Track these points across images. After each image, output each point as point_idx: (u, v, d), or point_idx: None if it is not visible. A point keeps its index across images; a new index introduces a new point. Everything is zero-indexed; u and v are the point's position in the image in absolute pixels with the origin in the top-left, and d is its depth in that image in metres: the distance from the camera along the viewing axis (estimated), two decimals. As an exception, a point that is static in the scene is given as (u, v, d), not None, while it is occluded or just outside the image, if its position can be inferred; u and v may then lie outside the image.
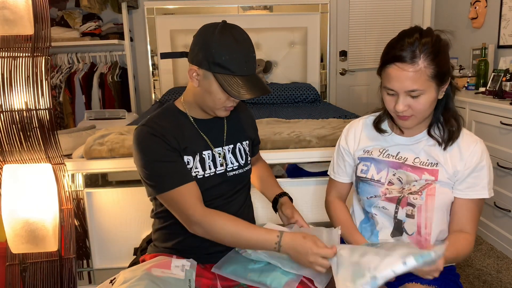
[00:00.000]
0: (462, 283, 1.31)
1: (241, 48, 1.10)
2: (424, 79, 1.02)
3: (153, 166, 1.13)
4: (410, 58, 1.01)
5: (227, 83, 1.09)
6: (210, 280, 1.20)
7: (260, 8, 4.08)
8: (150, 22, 3.85)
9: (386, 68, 1.06)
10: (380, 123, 1.24)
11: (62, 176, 1.65)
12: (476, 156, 1.10)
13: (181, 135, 1.18)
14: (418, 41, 1.02)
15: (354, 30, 4.08)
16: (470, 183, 1.11)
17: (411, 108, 1.06)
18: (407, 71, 1.01)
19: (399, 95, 1.06)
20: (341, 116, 2.66)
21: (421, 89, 1.03)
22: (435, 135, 1.15)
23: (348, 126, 1.31)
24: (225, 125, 1.29)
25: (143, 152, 1.13)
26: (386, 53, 1.07)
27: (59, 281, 1.69)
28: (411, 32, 1.05)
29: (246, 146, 1.33)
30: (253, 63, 1.14)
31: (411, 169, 1.13)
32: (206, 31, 1.11)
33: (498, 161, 2.35)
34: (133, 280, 1.06)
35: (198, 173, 1.20)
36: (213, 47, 1.08)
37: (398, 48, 1.03)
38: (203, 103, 1.18)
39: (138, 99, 4.02)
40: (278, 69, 3.96)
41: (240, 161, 1.29)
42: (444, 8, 3.84)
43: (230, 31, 1.10)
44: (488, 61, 3.06)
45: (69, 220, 1.69)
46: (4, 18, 1.50)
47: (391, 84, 1.05)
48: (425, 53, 1.01)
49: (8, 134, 1.55)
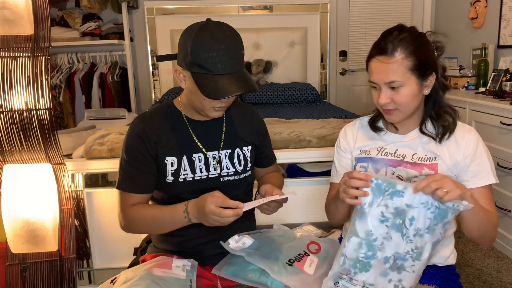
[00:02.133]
0: (462, 283, 1.31)
1: (220, 45, 1.05)
2: (402, 71, 1.06)
3: (123, 164, 1.20)
4: (389, 51, 1.07)
5: (204, 83, 1.06)
6: (210, 281, 1.19)
7: (260, 8, 4.08)
8: (150, 22, 3.85)
9: (370, 63, 1.13)
10: (375, 121, 1.25)
11: (62, 176, 1.65)
12: (471, 143, 1.12)
13: (168, 136, 1.19)
14: (397, 36, 1.08)
15: (354, 30, 4.08)
16: (475, 172, 1.12)
17: (393, 101, 1.10)
18: (386, 63, 1.07)
19: (381, 88, 1.10)
20: (341, 116, 2.66)
21: (400, 81, 1.07)
22: (428, 131, 1.16)
23: (344, 127, 1.32)
24: (223, 129, 1.26)
25: (124, 147, 1.20)
26: (370, 50, 1.14)
27: (59, 281, 1.69)
28: (392, 29, 1.11)
29: (247, 152, 1.27)
30: (236, 60, 1.08)
31: (410, 166, 1.14)
32: (187, 31, 1.10)
33: (498, 161, 2.35)
34: (134, 280, 1.06)
35: (187, 175, 1.19)
36: (190, 46, 1.06)
37: (378, 43, 1.10)
38: (192, 105, 1.18)
39: (138, 99, 4.02)
40: (278, 69, 3.96)
41: (237, 167, 1.25)
42: (444, 8, 3.84)
43: (209, 29, 1.06)
44: (488, 61, 3.06)
45: (69, 220, 1.69)
46: (4, 18, 1.49)
47: (372, 77, 1.12)
48: (402, 46, 1.06)
49: (8, 134, 1.55)
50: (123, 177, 1.19)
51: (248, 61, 3.80)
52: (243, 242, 1.20)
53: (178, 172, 1.19)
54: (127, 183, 1.19)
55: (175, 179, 1.19)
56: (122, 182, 1.19)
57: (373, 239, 1.02)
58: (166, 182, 1.19)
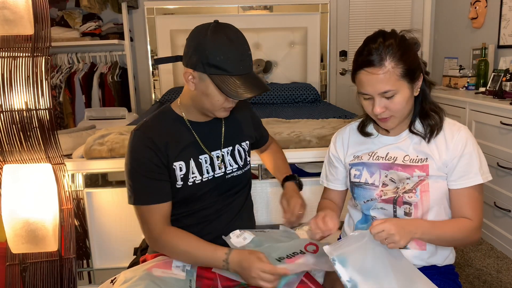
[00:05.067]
0: (462, 283, 1.31)
1: (235, 47, 1.08)
2: (394, 79, 1.05)
3: (136, 177, 1.15)
4: (377, 61, 1.04)
5: (224, 84, 1.07)
6: (210, 280, 1.19)
7: (260, 8, 4.09)
8: (150, 22, 3.85)
9: (357, 75, 1.10)
10: (364, 127, 1.25)
11: (62, 176, 1.65)
12: (461, 143, 1.11)
13: (175, 142, 1.17)
14: (382, 44, 1.05)
15: (354, 30, 4.08)
16: (462, 172, 1.11)
17: (388, 109, 1.09)
18: (377, 74, 1.05)
19: (374, 98, 1.09)
20: (341, 116, 2.67)
21: (394, 89, 1.06)
22: (417, 131, 1.16)
23: (336, 134, 1.32)
24: (223, 128, 1.27)
25: (132, 160, 1.15)
26: (355, 60, 1.11)
27: (59, 281, 1.69)
28: (375, 37, 1.09)
29: (246, 147, 1.32)
30: (249, 61, 1.12)
31: (401, 168, 1.14)
32: (198, 33, 1.09)
33: (498, 161, 2.35)
34: (133, 280, 1.06)
35: (196, 178, 1.19)
36: (207, 48, 1.06)
37: (365, 54, 1.07)
38: (201, 106, 1.17)
39: (138, 99, 4.02)
40: (278, 69, 3.96)
41: (239, 162, 1.28)
42: (444, 8, 3.84)
43: (223, 31, 1.08)
44: (488, 61, 3.06)
45: (69, 220, 1.69)
46: (4, 18, 1.50)
47: (364, 89, 1.09)
48: (390, 54, 1.04)
49: (8, 134, 1.55)
50: (140, 190, 1.15)
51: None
52: (244, 237, 1.22)
53: (187, 176, 1.18)
54: (146, 196, 1.15)
55: (184, 183, 1.18)
56: (140, 196, 1.15)
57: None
58: (175, 188, 1.18)
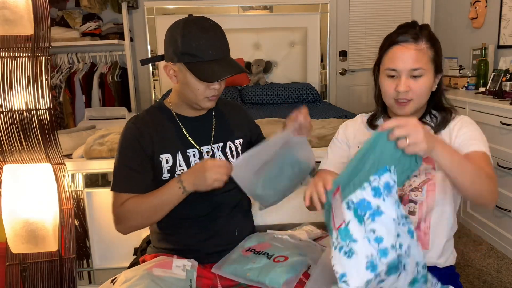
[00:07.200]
0: (462, 283, 1.31)
1: (207, 34, 1.12)
2: (426, 59, 1.08)
3: (120, 165, 1.21)
4: (413, 38, 1.07)
5: (199, 70, 1.11)
6: (210, 280, 1.20)
7: (260, 8, 4.09)
8: (150, 22, 3.85)
9: (390, 49, 1.10)
10: (374, 120, 1.24)
11: (62, 176, 1.65)
12: (458, 124, 1.15)
13: (161, 133, 1.21)
14: (418, 26, 1.10)
15: (354, 30, 4.08)
16: (462, 144, 1.10)
17: (412, 90, 1.09)
18: (411, 49, 1.07)
19: (400, 76, 1.08)
20: (341, 116, 2.66)
21: (424, 68, 1.07)
22: (427, 121, 1.18)
23: (346, 121, 1.32)
24: (213, 123, 1.29)
25: (120, 149, 1.21)
26: (388, 38, 1.12)
27: (59, 281, 1.69)
28: (411, 22, 1.12)
29: (239, 145, 1.32)
30: (223, 46, 1.16)
31: None
32: (172, 27, 1.16)
33: (498, 161, 2.35)
34: (134, 280, 1.06)
35: (183, 170, 1.21)
36: (179, 38, 1.11)
37: (401, 32, 1.09)
38: (187, 98, 1.21)
39: (138, 99, 4.02)
40: (278, 69, 3.96)
41: (230, 159, 1.29)
42: (444, 8, 3.84)
43: (193, 21, 1.14)
44: (488, 61, 3.05)
45: (69, 220, 1.69)
46: (4, 18, 1.50)
47: (394, 63, 1.09)
48: (425, 36, 1.08)
49: (8, 134, 1.55)
50: (118, 178, 1.20)
51: (248, 61, 3.80)
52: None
53: (174, 168, 1.21)
54: (122, 184, 1.19)
55: (172, 175, 1.20)
56: (117, 184, 1.20)
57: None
58: (162, 180, 1.20)
